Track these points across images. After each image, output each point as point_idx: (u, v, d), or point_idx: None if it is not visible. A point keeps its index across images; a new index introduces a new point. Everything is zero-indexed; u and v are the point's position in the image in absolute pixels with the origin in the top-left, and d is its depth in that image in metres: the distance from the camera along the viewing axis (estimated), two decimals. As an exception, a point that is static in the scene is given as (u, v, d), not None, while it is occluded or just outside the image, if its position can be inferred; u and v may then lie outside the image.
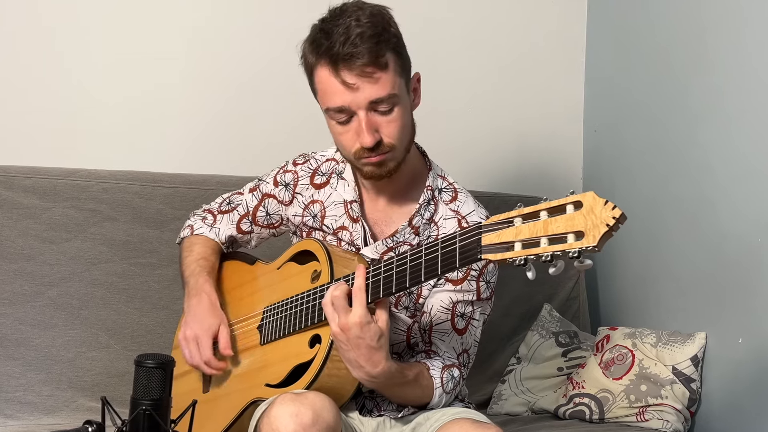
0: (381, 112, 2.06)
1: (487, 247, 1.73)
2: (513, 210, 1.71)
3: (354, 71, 2.02)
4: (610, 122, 3.48)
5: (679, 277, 3.00)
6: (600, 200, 1.58)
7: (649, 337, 2.89)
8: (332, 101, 2.07)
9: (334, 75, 2.04)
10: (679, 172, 3.01)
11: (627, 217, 1.57)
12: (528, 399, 3.04)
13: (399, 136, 2.10)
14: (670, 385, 2.79)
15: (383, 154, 2.09)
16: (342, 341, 1.94)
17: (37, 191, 2.93)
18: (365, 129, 2.05)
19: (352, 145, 2.10)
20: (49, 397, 2.81)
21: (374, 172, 2.13)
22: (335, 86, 2.05)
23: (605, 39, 3.55)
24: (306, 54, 2.12)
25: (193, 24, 3.27)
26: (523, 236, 1.66)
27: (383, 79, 2.04)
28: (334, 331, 1.94)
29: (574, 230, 1.59)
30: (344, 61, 2.02)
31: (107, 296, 2.93)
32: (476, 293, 2.19)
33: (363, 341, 1.92)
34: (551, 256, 1.61)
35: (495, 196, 3.16)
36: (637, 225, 3.15)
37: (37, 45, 3.13)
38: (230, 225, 2.47)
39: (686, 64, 3.00)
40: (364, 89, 2.03)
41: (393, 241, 2.20)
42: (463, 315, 2.19)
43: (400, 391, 2.10)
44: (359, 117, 2.06)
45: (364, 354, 1.93)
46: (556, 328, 3.18)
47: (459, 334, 2.19)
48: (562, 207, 1.63)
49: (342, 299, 1.94)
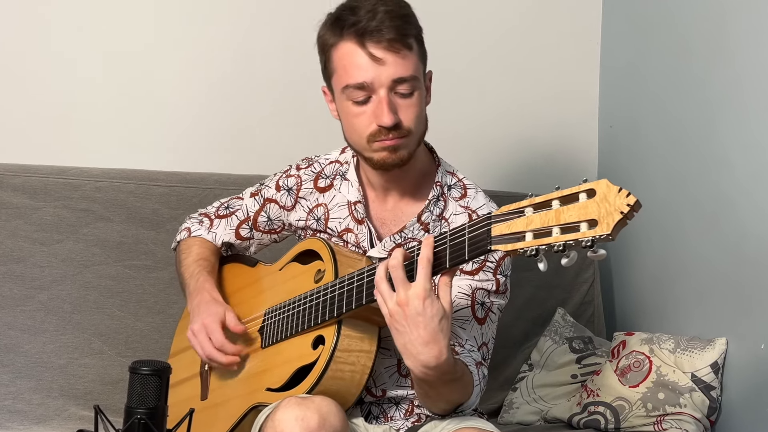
0: (401, 95, 2.09)
1: (497, 238, 1.73)
2: (524, 200, 1.72)
3: (381, 44, 2.06)
4: (627, 118, 3.48)
5: (698, 279, 2.99)
6: (614, 187, 1.58)
7: (667, 342, 2.89)
8: (353, 77, 2.09)
9: (360, 47, 2.07)
10: (697, 169, 3.00)
11: (642, 205, 1.57)
12: (540, 407, 3.04)
13: (416, 123, 2.12)
14: (689, 393, 2.79)
15: (400, 138, 2.11)
16: (398, 321, 1.86)
17: (27, 190, 2.93)
18: (386, 107, 2.07)
19: (366, 127, 2.11)
20: (39, 406, 2.81)
21: (387, 159, 2.13)
22: (360, 60, 2.08)
23: (621, 30, 3.54)
24: (324, 34, 2.16)
25: (191, 17, 3.28)
26: (534, 226, 1.67)
27: (408, 58, 2.09)
28: (390, 309, 1.86)
29: (587, 218, 1.60)
30: (371, 34, 2.06)
31: (100, 300, 2.94)
32: (495, 284, 2.19)
33: (423, 320, 1.83)
34: (563, 245, 1.62)
35: (506, 195, 3.14)
36: (653, 224, 3.15)
37: (27, 40, 3.15)
38: (228, 230, 2.47)
39: (705, 56, 2.99)
40: (390, 65, 2.07)
41: (401, 237, 2.21)
42: (483, 304, 2.18)
43: (448, 389, 2.02)
44: (379, 96, 2.08)
45: (422, 336, 1.84)
46: (569, 334, 3.18)
47: (479, 324, 2.18)
48: (574, 195, 1.64)
49: (400, 270, 1.86)
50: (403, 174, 2.21)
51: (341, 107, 2.16)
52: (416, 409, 2.24)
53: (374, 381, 2.20)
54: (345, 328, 2.05)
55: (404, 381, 2.23)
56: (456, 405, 2.10)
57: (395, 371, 2.22)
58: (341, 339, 2.04)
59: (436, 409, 2.12)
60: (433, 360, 1.86)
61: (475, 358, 2.14)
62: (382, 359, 2.17)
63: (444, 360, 1.87)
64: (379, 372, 2.19)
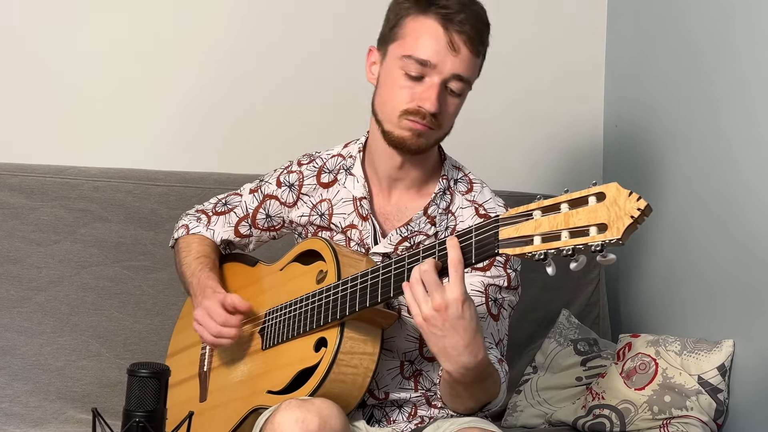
0: (450, 90, 2.13)
1: (505, 242, 1.73)
2: (532, 202, 1.72)
3: (463, 36, 2.10)
4: (632, 117, 3.48)
5: (705, 280, 2.99)
6: (624, 191, 1.58)
7: (673, 344, 2.89)
8: (422, 51, 2.11)
9: (443, 28, 2.10)
10: (704, 168, 3.00)
11: (653, 209, 1.57)
12: (545, 410, 3.04)
13: (448, 121, 2.18)
14: (695, 396, 2.79)
15: (430, 127, 2.14)
16: (436, 325, 1.84)
17: (23, 190, 2.93)
18: (436, 94, 2.10)
19: (406, 102, 2.12)
20: (36, 409, 2.81)
21: (407, 140, 2.15)
22: (438, 39, 2.10)
23: (626, 27, 3.54)
24: (402, 3, 2.16)
25: (190, 12, 3.28)
26: (543, 229, 1.67)
27: (475, 62, 2.15)
28: (426, 314, 1.84)
29: (597, 222, 1.59)
30: (458, 24, 2.10)
31: (98, 301, 2.94)
32: (506, 279, 2.20)
33: (463, 322, 1.83)
34: (573, 249, 1.62)
35: (510, 195, 3.14)
36: (660, 225, 3.15)
37: (24, 36, 3.14)
38: (227, 227, 2.47)
39: (712, 54, 2.99)
40: (461, 58, 2.11)
41: (407, 230, 2.22)
42: (496, 300, 2.19)
43: (480, 387, 2.02)
44: (433, 81, 2.11)
45: (464, 338, 1.84)
46: (574, 336, 3.17)
47: (494, 320, 2.19)
48: (584, 199, 1.64)
49: (434, 274, 1.84)
50: (412, 165, 2.23)
51: (389, 72, 2.17)
52: (419, 411, 2.24)
53: (377, 383, 2.20)
54: (348, 330, 2.05)
55: (407, 383, 2.23)
56: (483, 404, 2.11)
57: (398, 373, 2.22)
58: (344, 341, 2.04)
59: (463, 408, 2.12)
60: (473, 361, 1.87)
61: (496, 355, 2.14)
62: (384, 361, 2.17)
63: (482, 359, 1.89)
64: (381, 374, 2.19)
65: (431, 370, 2.24)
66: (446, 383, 2.03)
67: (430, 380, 2.24)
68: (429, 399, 2.25)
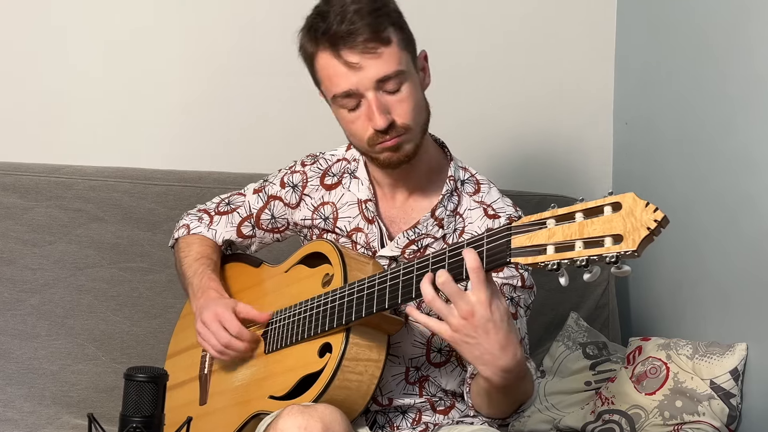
0: (390, 92, 2.08)
1: (517, 250, 1.73)
2: (546, 210, 1.71)
3: (356, 49, 2.05)
4: (642, 114, 3.48)
5: (718, 282, 2.99)
6: (641, 202, 1.58)
7: (684, 348, 2.88)
8: (338, 87, 2.09)
9: (335, 57, 2.07)
10: (717, 166, 3.00)
11: (669, 221, 1.56)
12: (553, 416, 3.04)
13: (412, 116, 2.11)
14: (707, 401, 2.79)
15: (398, 136, 2.11)
16: (467, 334, 1.82)
17: (17, 189, 2.94)
18: (376, 110, 2.07)
19: (364, 131, 2.11)
20: (31, 414, 2.81)
21: (391, 158, 2.14)
22: (338, 69, 2.07)
23: (637, 21, 3.54)
24: (304, 44, 2.15)
25: (187, 10, 3.27)
26: (556, 239, 1.66)
27: (387, 55, 2.07)
28: (455, 325, 1.82)
29: (612, 233, 1.59)
30: (344, 39, 2.05)
31: (94, 304, 2.94)
32: (521, 279, 2.19)
33: (493, 325, 1.81)
34: (587, 260, 1.61)
35: (517, 195, 3.13)
36: (671, 225, 3.11)
37: (19, 35, 3.14)
38: (229, 228, 2.47)
39: (724, 49, 2.99)
40: (369, 67, 2.05)
41: (415, 233, 2.21)
42: (512, 299, 2.18)
43: (517, 388, 2.01)
44: (368, 99, 2.08)
45: (499, 341, 1.83)
46: (583, 339, 3.17)
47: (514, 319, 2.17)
48: (599, 208, 1.63)
49: (453, 283, 1.81)
50: (412, 169, 2.21)
51: (337, 115, 2.17)
52: (423, 417, 2.24)
53: (380, 389, 2.20)
54: (353, 336, 2.05)
55: (412, 389, 2.23)
56: (520, 404, 2.10)
57: (402, 379, 2.22)
58: (349, 347, 2.03)
59: (500, 413, 2.12)
60: (512, 361, 1.86)
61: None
62: (389, 367, 2.16)
63: (520, 358, 1.88)
64: (386, 380, 2.19)
65: (438, 376, 2.24)
66: (483, 390, 2.03)
67: (436, 386, 2.24)
68: (434, 405, 2.25)
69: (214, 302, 2.25)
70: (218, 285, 2.33)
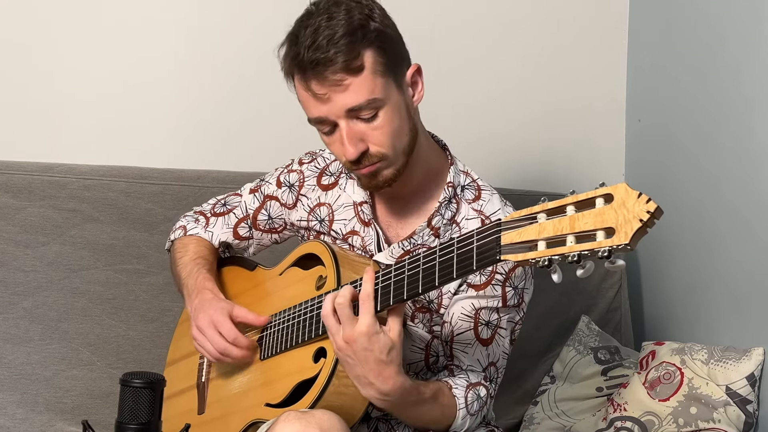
0: (363, 120, 2.04)
1: (507, 247, 1.71)
2: (536, 205, 1.69)
3: (322, 81, 2.01)
4: (656, 111, 3.48)
5: (733, 285, 2.98)
6: (633, 192, 1.56)
7: (699, 353, 2.88)
8: (310, 112, 2.08)
9: (304, 87, 2.05)
10: (732, 167, 3.00)
11: (663, 212, 1.54)
12: (563, 423, 3.04)
13: (389, 143, 2.07)
14: (723, 408, 2.79)
15: (372, 164, 2.08)
16: (348, 355, 1.93)
17: (9, 189, 2.94)
18: (347, 141, 2.04)
19: (341, 155, 2.10)
20: (23, 421, 2.82)
21: (370, 183, 2.14)
22: (306, 96, 2.06)
23: (650, 17, 3.54)
24: (282, 62, 2.13)
25: (182, 9, 3.27)
26: (547, 234, 1.64)
27: (356, 85, 2.01)
28: (338, 344, 1.93)
29: (604, 227, 1.57)
30: (312, 69, 2.01)
31: (89, 307, 2.94)
32: (501, 299, 2.18)
33: (371, 354, 1.91)
34: (578, 255, 1.59)
35: (525, 195, 3.15)
36: (685, 226, 3.14)
37: (12, 33, 3.15)
38: (226, 229, 2.47)
39: (739, 46, 2.99)
40: (337, 99, 2.02)
41: (410, 244, 2.20)
42: (489, 323, 2.19)
43: (417, 411, 2.08)
44: (340, 131, 2.05)
45: (373, 369, 1.92)
46: (594, 343, 3.17)
47: (484, 345, 2.19)
48: (590, 201, 1.61)
49: (346, 308, 1.92)
50: (404, 180, 2.17)
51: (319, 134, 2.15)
52: (427, 424, 2.25)
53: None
54: None
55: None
56: (441, 427, 2.15)
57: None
58: None
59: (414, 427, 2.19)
60: (386, 387, 1.95)
61: (470, 380, 2.16)
62: None
63: (400, 384, 1.96)
64: None
65: None
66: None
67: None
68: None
69: (210, 304, 2.25)
70: (213, 285, 2.32)
